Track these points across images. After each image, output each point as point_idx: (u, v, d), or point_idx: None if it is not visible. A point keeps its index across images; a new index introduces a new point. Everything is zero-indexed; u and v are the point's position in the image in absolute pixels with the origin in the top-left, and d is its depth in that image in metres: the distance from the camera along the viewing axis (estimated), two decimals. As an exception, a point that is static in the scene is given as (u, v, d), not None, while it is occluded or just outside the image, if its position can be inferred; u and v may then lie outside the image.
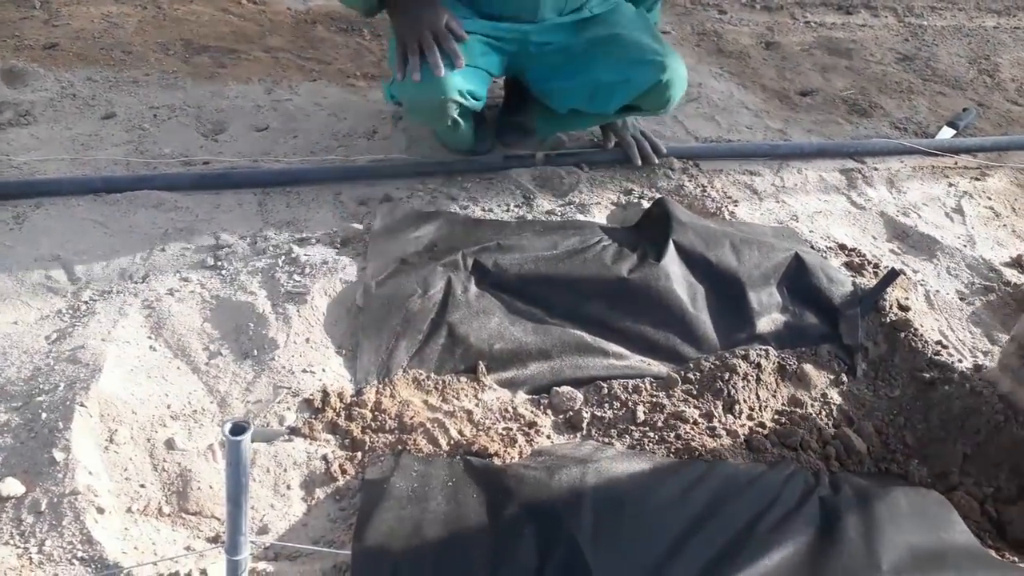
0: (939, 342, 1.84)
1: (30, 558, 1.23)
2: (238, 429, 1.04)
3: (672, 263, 1.88)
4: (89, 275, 1.76)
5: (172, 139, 2.23)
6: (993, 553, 1.43)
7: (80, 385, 1.45)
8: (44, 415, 1.39)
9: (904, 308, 1.92)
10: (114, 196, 1.96)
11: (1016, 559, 1.44)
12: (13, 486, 1.30)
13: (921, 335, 1.84)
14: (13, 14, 2.70)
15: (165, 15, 2.83)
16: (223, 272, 1.80)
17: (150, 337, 1.63)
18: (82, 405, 1.41)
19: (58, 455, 1.34)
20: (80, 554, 1.24)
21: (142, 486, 1.38)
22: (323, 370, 1.62)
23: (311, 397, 1.56)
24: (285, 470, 1.44)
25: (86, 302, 1.69)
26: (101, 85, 2.41)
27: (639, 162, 2.30)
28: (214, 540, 1.33)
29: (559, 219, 2.09)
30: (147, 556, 1.26)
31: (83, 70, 2.46)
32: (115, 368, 1.51)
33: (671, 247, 1.91)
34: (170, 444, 1.44)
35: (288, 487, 1.43)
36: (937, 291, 2.05)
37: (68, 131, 2.20)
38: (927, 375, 1.76)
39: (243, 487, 1.11)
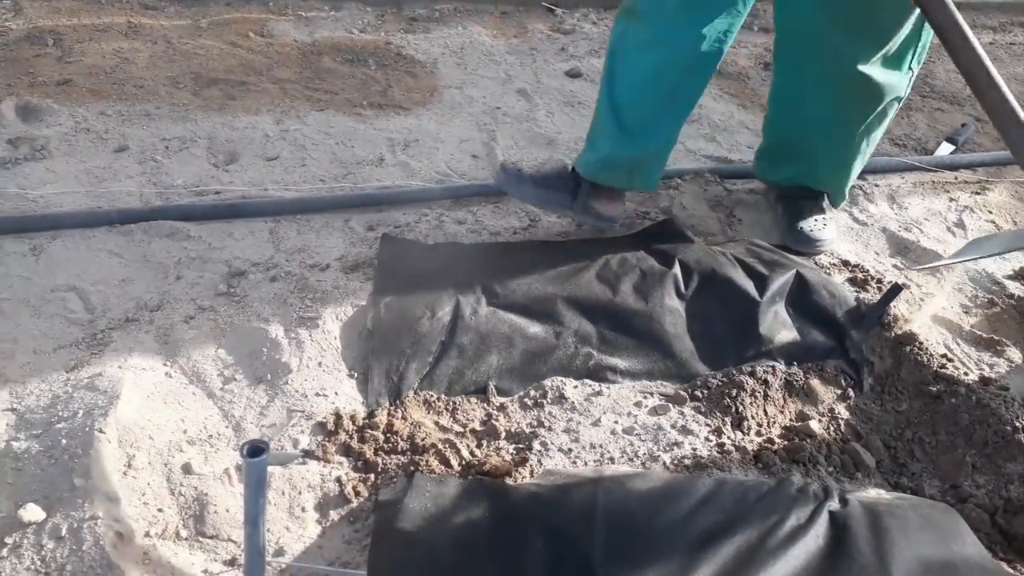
0: (944, 355, 1.86)
1: (51, 583, 1.25)
2: (256, 450, 1.07)
3: (678, 281, 1.91)
4: (105, 304, 1.79)
5: (184, 170, 2.28)
6: (1005, 565, 1.44)
7: (98, 412, 1.48)
8: (64, 442, 1.42)
9: (909, 322, 1.93)
10: (128, 227, 2.00)
11: (1027, 570, 1.45)
12: (34, 512, 1.32)
13: (926, 349, 1.85)
14: (28, 52, 2.76)
15: (175, 50, 2.89)
16: (236, 299, 1.83)
17: (166, 364, 1.66)
18: (101, 431, 1.43)
19: (78, 481, 1.36)
20: (100, 578, 1.26)
21: (160, 510, 1.40)
22: (336, 393, 1.65)
23: (324, 420, 1.59)
24: (300, 493, 1.46)
25: (103, 331, 1.72)
26: (114, 119, 2.46)
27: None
28: (231, 563, 1.35)
29: (564, 239, 2.12)
30: (166, 580, 1.28)
31: (96, 105, 2.51)
32: (132, 395, 1.54)
33: (676, 265, 1.94)
34: (187, 468, 1.46)
35: (303, 509, 1.45)
36: (942, 305, 2.07)
37: (82, 164, 2.24)
38: (933, 388, 1.77)
39: (261, 508, 1.13)
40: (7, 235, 1.94)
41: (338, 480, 1.49)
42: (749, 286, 1.92)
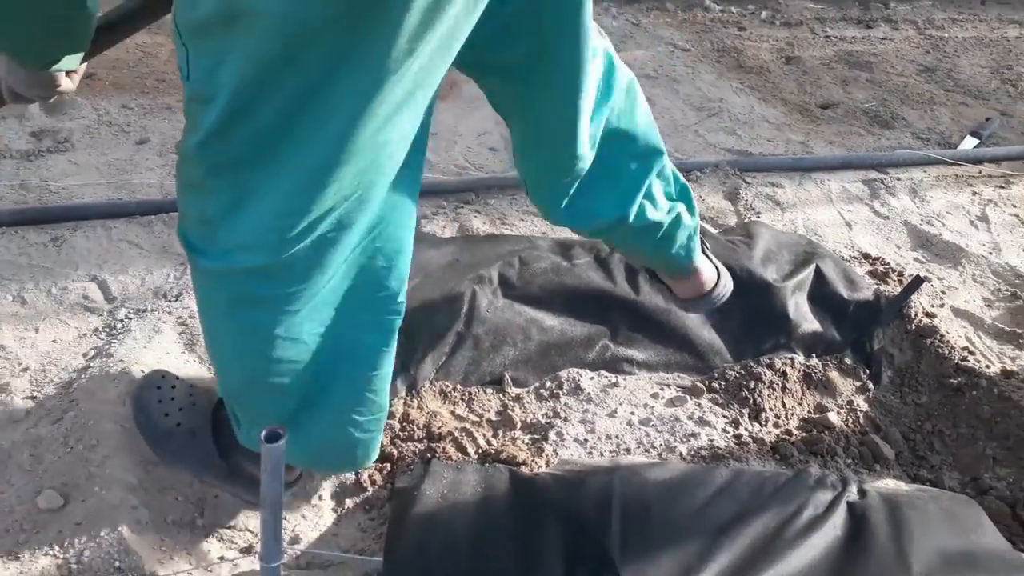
0: (966, 348, 1.84)
1: (70, 569, 1.26)
2: (273, 436, 1.07)
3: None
4: (125, 294, 1.80)
5: (203, 163, 2.29)
6: (1026, 557, 1.42)
7: (117, 400, 1.49)
8: (81, 429, 1.43)
9: (930, 315, 1.91)
10: (148, 218, 2.01)
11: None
12: (52, 499, 1.34)
13: (947, 341, 1.83)
14: (50, 47, 2.79)
15: (195, 44, 2.91)
16: (254, 289, 1.84)
17: (184, 352, 1.67)
18: (117, 419, 1.45)
19: (95, 469, 1.37)
20: (118, 563, 1.27)
21: (177, 499, 1.41)
22: (352, 383, 1.65)
23: (341, 409, 1.59)
24: (316, 480, 1.47)
25: (122, 320, 1.73)
26: (135, 112, 2.48)
27: None
28: (247, 551, 1.36)
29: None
30: (183, 566, 1.29)
31: (118, 98, 2.53)
32: (151, 383, 1.55)
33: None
34: (204, 456, 1.47)
35: (320, 498, 1.45)
36: (964, 299, 2.04)
37: (104, 157, 2.26)
38: (954, 381, 1.75)
39: (278, 494, 1.13)
40: (30, 226, 1.96)
41: (354, 468, 1.50)
42: (768, 279, 1.90)
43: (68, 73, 1.10)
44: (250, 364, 1.17)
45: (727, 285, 1.59)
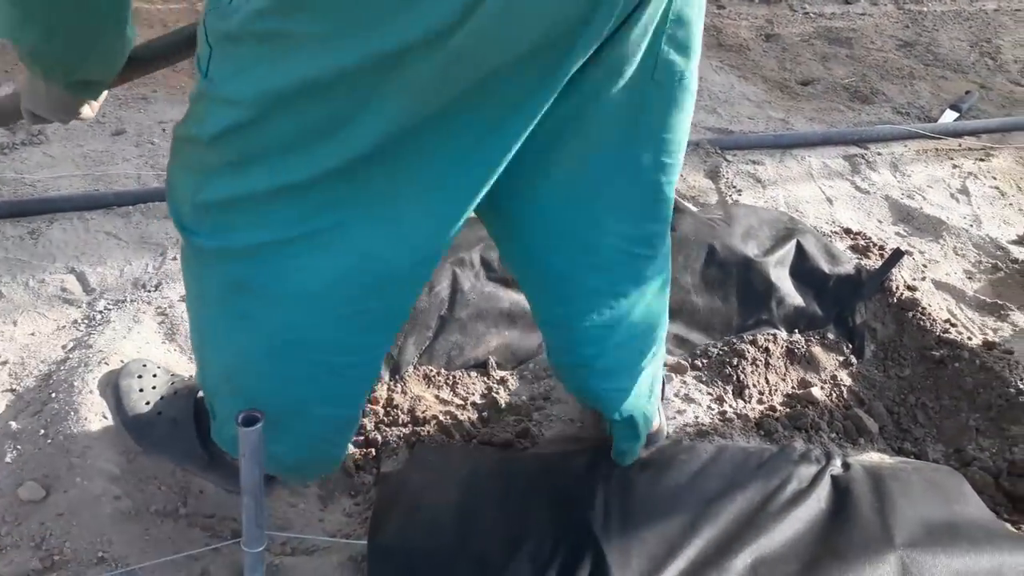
0: (947, 320, 1.85)
1: (53, 560, 1.25)
2: (250, 420, 1.06)
3: (676, 251, 1.89)
4: (103, 285, 1.79)
5: (180, 152, 2.27)
6: (1009, 526, 1.43)
7: (97, 391, 1.47)
8: (61, 421, 1.42)
9: (911, 288, 1.92)
10: (126, 208, 1.99)
11: (1032, 531, 1.44)
12: (33, 490, 1.32)
13: (929, 314, 1.84)
14: (22, 38, 2.75)
15: (170, 33, 2.88)
16: (234, 278, 1.82)
17: (164, 342, 1.65)
18: (97, 410, 1.44)
19: (75, 460, 1.36)
20: (101, 553, 1.26)
21: (160, 488, 1.40)
22: (335, 369, 1.64)
23: (324, 395, 1.58)
24: (300, 467, 1.46)
25: (101, 311, 1.72)
26: (110, 103, 2.45)
27: None
28: (231, 537, 1.35)
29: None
30: (167, 555, 1.28)
31: (92, 89, 2.50)
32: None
33: (675, 235, 1.92)
34: (186, 445, 1.46)
35: (304, 484, 1.45)
36: (945, 271, 2.05)
37: (80, 148, 2.24)
38: (937, 353, 1.76)
39: (258, 479, 1.12)
40: (5, 220, 1.93)
41: (338, 454, 1.49)
42: (749, 255, 1.90)
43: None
44: (232, 357, 1.14)
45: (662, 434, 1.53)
